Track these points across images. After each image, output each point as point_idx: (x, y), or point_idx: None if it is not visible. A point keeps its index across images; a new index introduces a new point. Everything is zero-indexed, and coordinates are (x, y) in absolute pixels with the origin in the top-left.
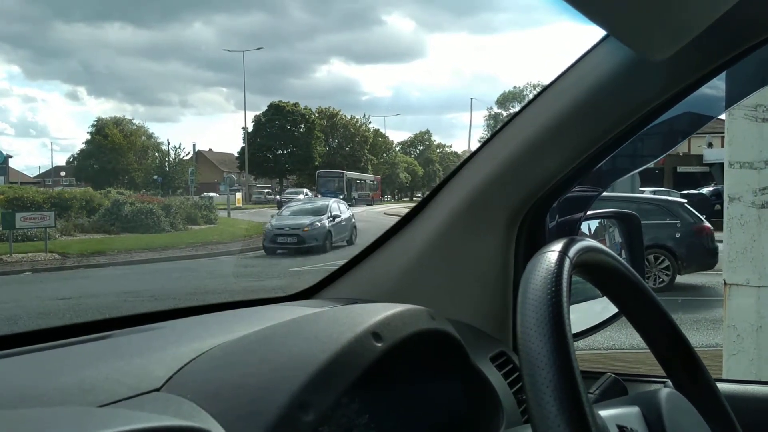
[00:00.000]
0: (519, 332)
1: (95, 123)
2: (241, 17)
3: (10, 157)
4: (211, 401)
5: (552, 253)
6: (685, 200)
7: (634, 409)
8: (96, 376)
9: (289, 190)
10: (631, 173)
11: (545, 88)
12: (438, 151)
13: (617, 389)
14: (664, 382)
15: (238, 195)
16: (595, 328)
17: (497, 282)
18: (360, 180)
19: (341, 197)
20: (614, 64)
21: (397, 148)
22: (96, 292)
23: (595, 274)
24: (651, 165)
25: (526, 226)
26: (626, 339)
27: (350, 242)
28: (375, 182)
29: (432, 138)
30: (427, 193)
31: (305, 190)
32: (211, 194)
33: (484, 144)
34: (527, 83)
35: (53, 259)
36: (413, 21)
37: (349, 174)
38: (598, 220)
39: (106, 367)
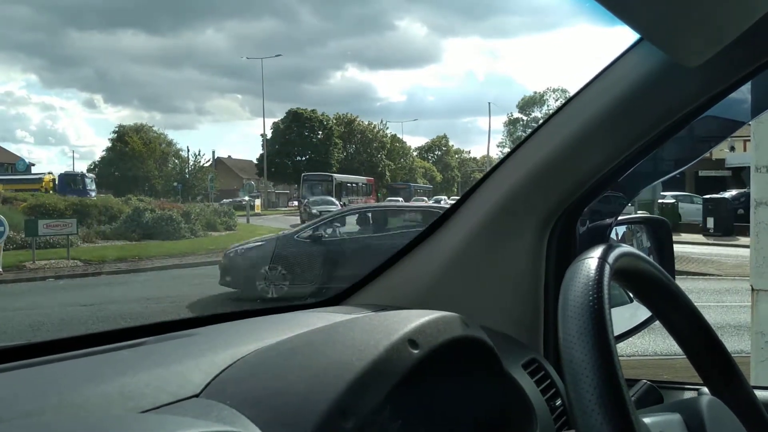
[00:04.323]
0: (561, 340)
1: (116, 130)
2: (253, 23)
3: (33, 165)
4: (250, 407)
5: (591, 259)
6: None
7: (676, 416)
8: (136, 382)
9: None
10: (662, 179)
11: (577, 93)
12: (456, 156)
13: (653, 396)
14: (697, 390)
15: (258, 201)
16: (624, 335)
17: (528, 288)
18: (351, 183)
19: None
20: (647, 68)
21: (414, 153)
22: (118, 298)
23: (633, 280)
24: (682, 170)
25: (557, 232)
26: (649, 345)
27: None
28: (368, 185)
29: (450, 143)
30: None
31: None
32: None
33: (515, 149)
34: (548, 88)
35: (75, 266)
36: (425, 26)
37: (339, 177)
38: (626, 226)
39: (144, 373)
